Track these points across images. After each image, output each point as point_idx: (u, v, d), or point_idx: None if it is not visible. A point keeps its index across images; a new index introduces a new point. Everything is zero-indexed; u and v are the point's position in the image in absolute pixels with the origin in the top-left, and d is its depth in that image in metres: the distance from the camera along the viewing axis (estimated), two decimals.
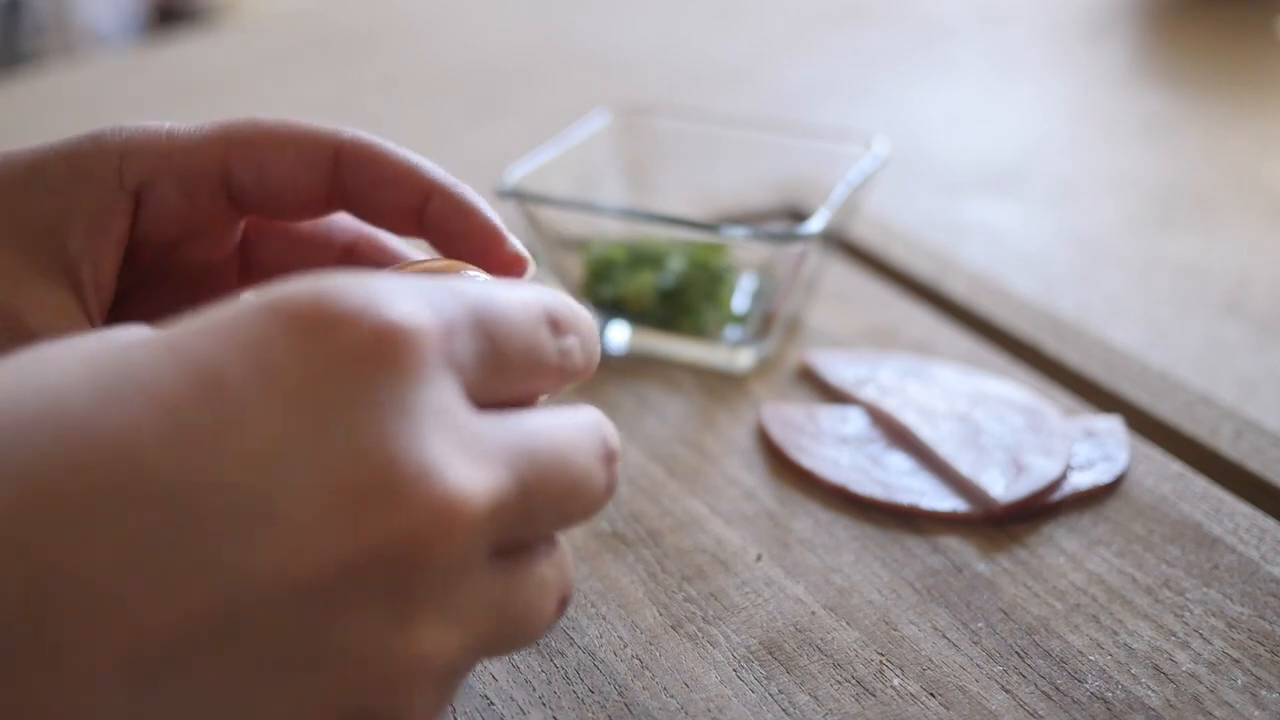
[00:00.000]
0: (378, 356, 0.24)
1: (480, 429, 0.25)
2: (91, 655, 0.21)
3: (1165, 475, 0.47)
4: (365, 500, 0.23)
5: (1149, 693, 0.37)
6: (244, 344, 0.23)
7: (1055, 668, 0.38)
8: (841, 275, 0.63)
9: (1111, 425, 0.49)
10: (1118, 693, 0.37)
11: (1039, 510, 0.45)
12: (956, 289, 0.61)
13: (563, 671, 0.39)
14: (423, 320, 0.25)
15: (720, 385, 0.54)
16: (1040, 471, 0.46)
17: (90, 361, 0.23)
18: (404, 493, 0.23)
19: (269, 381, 0.23)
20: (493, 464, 0.25)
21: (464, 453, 0.24)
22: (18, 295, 0.33)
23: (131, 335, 0.24)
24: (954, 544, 0.44)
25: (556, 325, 0.29)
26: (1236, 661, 0.38)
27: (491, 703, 0.37)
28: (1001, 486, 0.45)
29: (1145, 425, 0.50)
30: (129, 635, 0.21)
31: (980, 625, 0.40)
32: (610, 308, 0.56)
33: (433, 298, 0.26)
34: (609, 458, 0.28)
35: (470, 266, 0.34)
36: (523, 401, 0.28)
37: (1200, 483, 0.46)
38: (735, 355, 0.55)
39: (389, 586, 0.23)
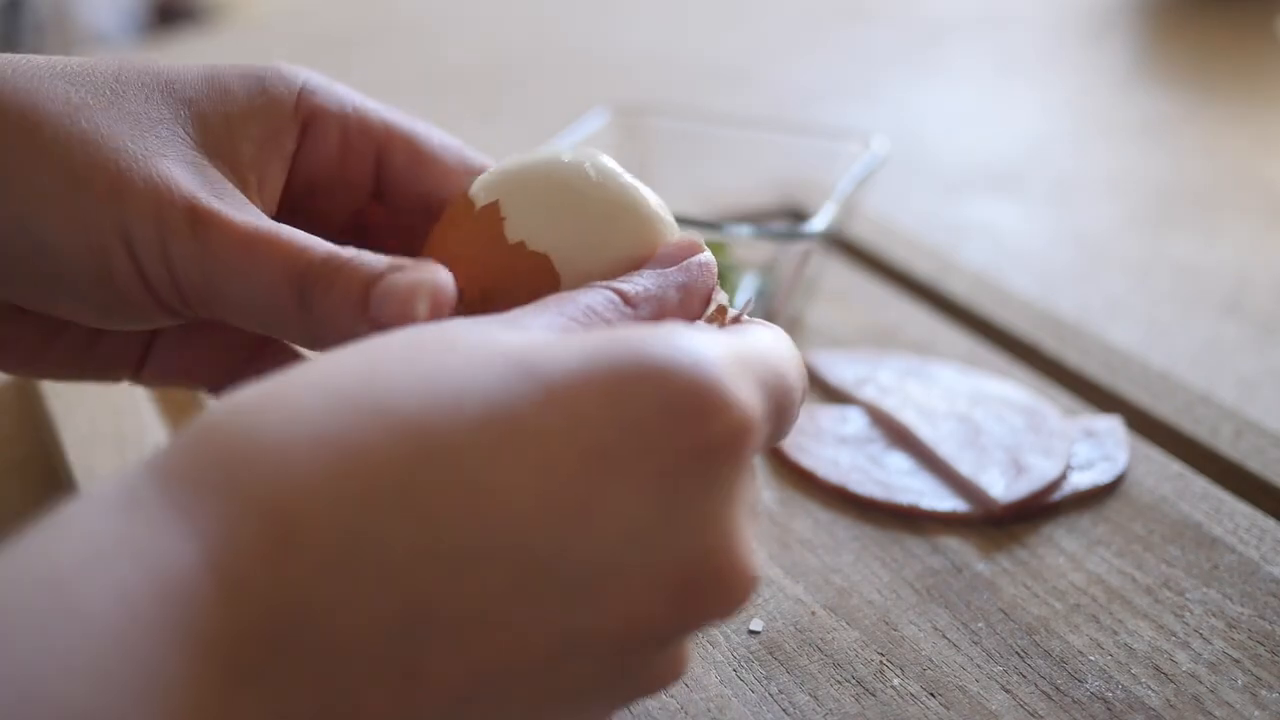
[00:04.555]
0: (731, 450, 0.26)
1: (749, 512, 0.28)
2: (439, 681, 0.24)
3: (1165, 475, 0.47)
4: (696, 588, 0.26)
5: (1149, 693, 0.37)
6: (629, 420, 0.25)
7: (1055, 668, 0.38)
8: (841, 275, 0.62)
9: (1111, 425, 0.49)
10: (1118, 693, 0.37)
11: (1039, 510, 0.45)
12: (956, 289, 0.61)
13: None
14: (761, 415, 0.27)
15: None
16: (1040, 471, 0.46)
17: (480, 397, 0.25)
18: (725, 583, 0.26)
19: (643, 465, 0.25)
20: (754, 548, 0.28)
21: (750, 540, 0.27)
22: (178, 171, 0.33)
23: (515, 363, 0.26)
24: (954, 544, 0.44)
25: (804, 396, 0.31)
26: (1236, 661, 0.38)
27: None
28: (1001, 486, 0.45)
29: (1145, 425, 0.50)
30: (476, 668, 0.24)
31: (980, 625, 0.40)
32: None
33: (766, 381, 0.28)
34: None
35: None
36: None
37: (1200, 483, 0.46)
38: None
39: (679, 641, 0.27)
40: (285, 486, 0.23)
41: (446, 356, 0.25)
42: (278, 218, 0.36)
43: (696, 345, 0.26)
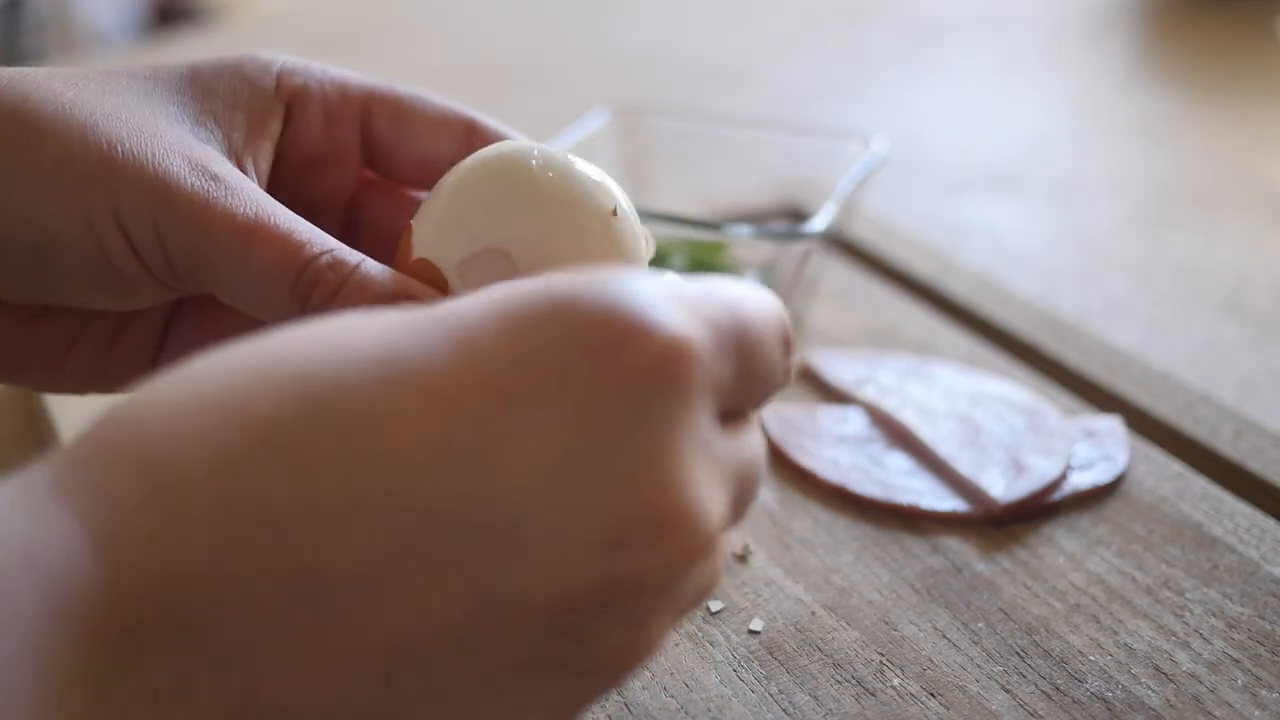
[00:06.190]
0: (658, 379, 0.24)
1: (720, 449, 0.25)
2: (349, 648, 0.22)
3: (1165, 475, 0.47)
4: (629, 535, 0.23)
5: (1149, 693, 0.37)
6: (533, 354, 0.23)
7: (1055, 668, 0.38)
8: (841, 275, 0.62)
9: (1111, 425, 0.49)
10: (1118, 693, 0.37)
11: (1039, 510, 0.45)
12: (956, 289, 0.61)
13: None
14: (700, 341, 0.24)
15: None
16: (1040, 471, 0.46)
17: (374, 349, 0.23)
18: (666, 530, 0.23)
19: (553, 400, 0.23)
20: (725, 483, 0.25)
21: (710, 476, 0.25)
22: (174, 158, 0.33)
23: (418, 319, 0.24)
24: (954, 544, 0.44)
25: (787, 344, 0.28)
26: (1236, 661, 0.38)
27: None
28: (1001, 486, 0.45)
29: (1145, 425, 0.50)
30: (386, 632, 0.22)
31: (980, 625, 0.40)
32: None
33: (705, 311, 0.25)
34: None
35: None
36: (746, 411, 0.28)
37: (1200, 483, 0.46)
38: None
39: (635, 606, 0.24)
40: (164, 449, 0.22)
41: (348, 321, 0.24)
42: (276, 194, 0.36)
43: (610, 279, 0.24)
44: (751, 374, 0.27)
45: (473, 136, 0.37)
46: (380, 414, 0.23)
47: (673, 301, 0.25)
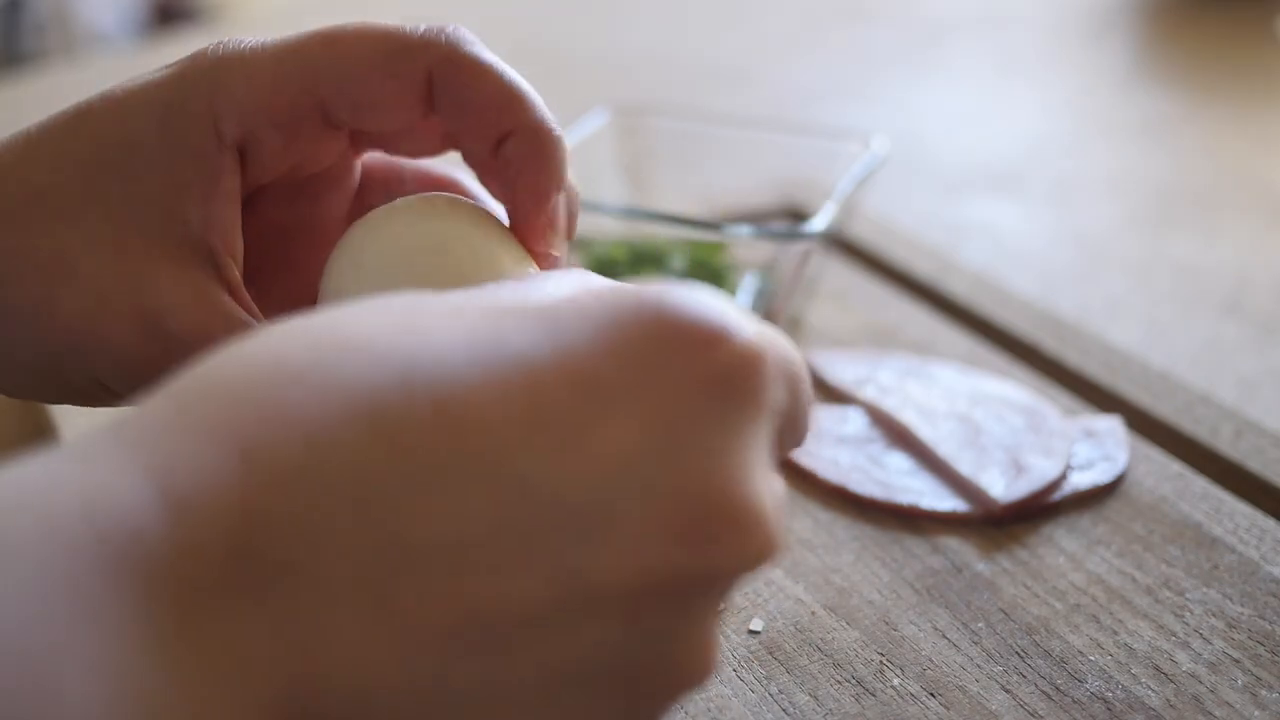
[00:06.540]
0: (738, 382, 0.25)
1: (772, 470, 0.26)
2: (423, 621, 0.22)
3: (1165, 475, 0.47)
4: (703, 530, 0.24)
5: (1149, 693, 0.37)
6: (621, 348, 0.24)
7: (1055, 668, 0.38)
8: (841, 275, 0.62)
9: (1111, 425, 0.49)
10: (1118, 693, 0.37)
11: (1039, 510, 0.45)
12: (956, 289, 0.61)
13: None
14: (770, 357, 0.25)
15: None
16: (1040, 471, 0.46)
17: (468, 328, 0.24)
18: (737, 530, 0.24)
19: (638, 392, 0.24)
20: (778, 500, 0.26)
21: (770, 485, 0.25)
22: (151, 292, 0.32)
23: (506, 302, 0.25)
24: (954, 544, 0.44)
25: (811, 399, 0.29)
26: (1236, 661, 0.38)
27: None
28: (1001, 486, 0.45)
29: (1145, 425, 0.50)
30: (462, 607, 0.22)
31: (980, 625, 0.40)
32: None
33: (771, 338, 0.26)
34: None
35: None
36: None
37: (1200, 483, 0.46)
38: None
39: (698, 600, 0.25)
40: (250, 416, 0.22)
41: (427, 303, 0.25)
42: (264, 215, 0.36)
43: (695, 290, 0.25)
44: (797, 411, 0.27)
45: (433, 83, 0.35)
46: (469, 393, 0.23)
47: (748, 319, 0.26)
